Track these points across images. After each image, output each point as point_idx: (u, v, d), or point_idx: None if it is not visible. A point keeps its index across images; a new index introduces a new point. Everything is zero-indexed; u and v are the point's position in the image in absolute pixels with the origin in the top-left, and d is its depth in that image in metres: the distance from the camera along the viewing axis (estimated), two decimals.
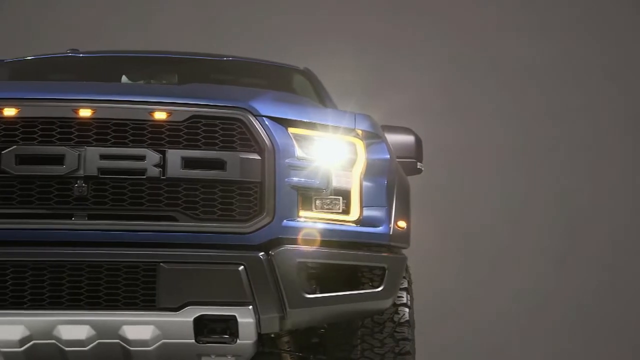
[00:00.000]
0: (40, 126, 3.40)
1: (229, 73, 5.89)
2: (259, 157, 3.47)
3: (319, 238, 3.54)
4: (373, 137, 3.79)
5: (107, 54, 5.98)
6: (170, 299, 3.34)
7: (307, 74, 5.93)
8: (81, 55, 5.90)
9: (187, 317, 3.35)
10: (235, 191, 3.46)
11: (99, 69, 5.77)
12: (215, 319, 3.38)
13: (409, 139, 4.61)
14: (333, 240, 3.57)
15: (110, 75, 5.62)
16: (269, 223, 3.44)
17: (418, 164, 4.64)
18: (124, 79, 5.68)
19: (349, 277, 3.69)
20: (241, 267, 3.37)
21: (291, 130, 3.58)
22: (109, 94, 3.51)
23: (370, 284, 3.70)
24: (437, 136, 7.11)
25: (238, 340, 3.43)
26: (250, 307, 3.38)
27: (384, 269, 3.64)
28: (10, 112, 3.40)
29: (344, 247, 3.60)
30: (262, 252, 3.41)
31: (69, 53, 6.03)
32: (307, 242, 3.51)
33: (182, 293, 3.35)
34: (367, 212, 3.65)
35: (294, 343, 4.24)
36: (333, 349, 3.91)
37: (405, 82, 8.06)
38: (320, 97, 5.49)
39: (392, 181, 3.79)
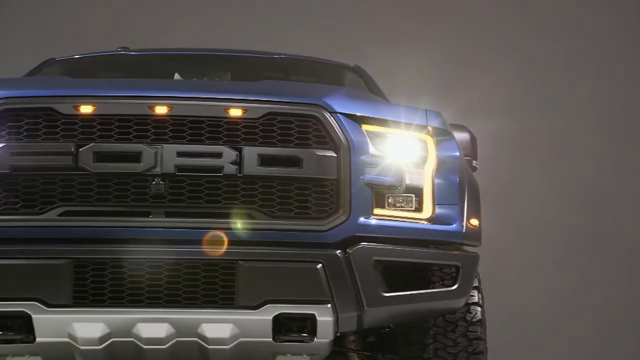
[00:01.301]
0: (117, 123, 3.39)
1: (280, 70, 5.86)
2: (335, 154, 3.44)
3: (393, 236, 3.51)
4: (443, 134, 3.76)
5: (158, 51, 5.96)
6: (249, 297, 3.32)
7: (358, 71, 5.90)
8: (132, 53, 5.89)
9: (266, 315, 3.33)
10: (311, 188, 3.43)
11: (151, 67, 5.76)
12: (294, 317, 3.36)
13: (464, 136, 4.56)
14: (407, 238, 3.54)
15: (163, 73, 5.60)
16: (345, 221, 3.41)
17: (473, 161, 4.59)
18: (177, 76, 5.67)
19: (421, 275, 3.65)
20: (319, 265, 3.34)
21: (365, 127, 3.55)
22: (184, 91, 3.50)
23: (441, 282, 3.67)
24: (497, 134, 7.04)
25: (315, 339, 3.40)
26: (329, 305, 3.35)
27: (457, 267, 3.61)
28: (86, 109, 3.40)
29: (418, 245, 3.57)
30: (339, 249, 3.38)
31: (119, 51, 6.03)
32: (382, 240, 3.49)
33: (261, 291, 3.33)
34: (439, 210, 3.61)
35: (359, 342, 4.21)
36: (404, 348, 3.87)
37: (468, 79, 7.97)
38: (373, 93, 5.46)
39: (463, 178, 3.76)
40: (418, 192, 3.60)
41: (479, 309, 3.88)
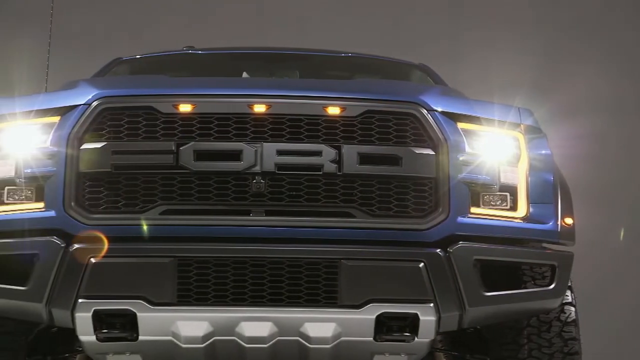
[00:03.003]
0: (216, 122, 3.39)
1: (348, 69, 5.85)
2: (433, 153, 3.42)
3: (490, 235, 3.49)
4: (536, 132, 3.73)
5: (225, 50, 5.97)
6: (352, 296, 3.30)
7: (425, 69, 5.87)
8: (199, 52, 5.90)
9: (369, 314, 3.31)
10: (410, 187, 3.41)
11: (219, 66, 5.77)
12: (396, 316, 3.34)
13: None
14: (503, 237, 3.51)
15: (231, 72, 5.61)
16: (444, 219, 3.39)
17: None
18: (245, 75, 5.68)
19: (517, 275, 3.62)
20: (421, 264, 3.32)
21: (460, 124, 3.53)
22: (283, 90, 3.50)
23: (535, 282, 3.64)
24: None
25: (416, 339, 3.38)
26: (432, 304, 3.33)
27: (554, 266, 3.57)
28: (186, 108, 3.40)
29: (513, 244, 3.54)
30: (439, 248, 3.36)
31: (185, 50, 6.04)
32: (479, 239, 3.46)
33: (363, 290, 3.31)
34: (534, 209, 3.58)
35: (446, 341, 4.18)
36: (497, 348, 3.84)
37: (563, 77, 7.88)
38: None
39: (556, 177, 3.73)
40: (513, 190, 3.57)
41: (572, 308, 3.83)
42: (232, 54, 5.86)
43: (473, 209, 3.48)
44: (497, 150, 3.56)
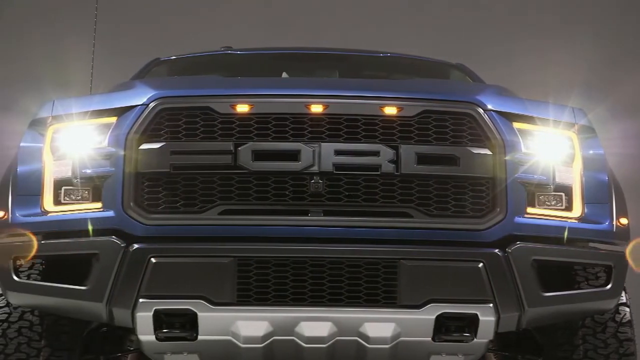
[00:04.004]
0: (274, 122, 3.39)
1: (386, 69, 5.85)
2: (490, 153, 3.41)
3: (547, 235, 3.48)
4: (589, 132, 3.71)
5: (263, 50, 5.97)
6: (412, 296, 3.30)
7: (463, 68, 5.86)
8: (238, 52, 5.91)
9: (429, 314, 3.31)
10: (467, 187, 3.41)
11: (257, 66, 5.78)
12: (456, 316, 3.33)
13: None
14: (559, 237, 3.50)
15: (269, 72, 5.61)
16: (502, 220, 3.39)
17: None
18: (284, 75, 5.68)
19: (573, 275, 3.61)
20: (480, 265, 3.32)
21: (515, 124, 3.52)
22: (340, 89, 3.50)
23: (587, 282, 3.63)
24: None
25: (475, 339, 3.37)
26: (491, 305, 3.33)
27: (610, 267, 3.55)
28: (243, 108, 3.41)
29: (569, 245, 3.53)
30: (497, 249, 3.35)
31: (223, 50, 6.04)
32: (535, 239, 3.45)
33: (423, 290, 3.31)
34: (589, 209, 3.57)
35: (496, 341, 4.17)
36: (551, 349, 3.82)
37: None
38: None
39: (610, 177, 3.72)
40: (568, 190, 3.56)
41: (627, 309, 3.82)
42: (271, 54, 5.86)
43: (529, 209, 3.47)
44: (551, 150, 3.56)
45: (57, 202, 3.47)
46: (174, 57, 5.91)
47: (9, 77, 6.94)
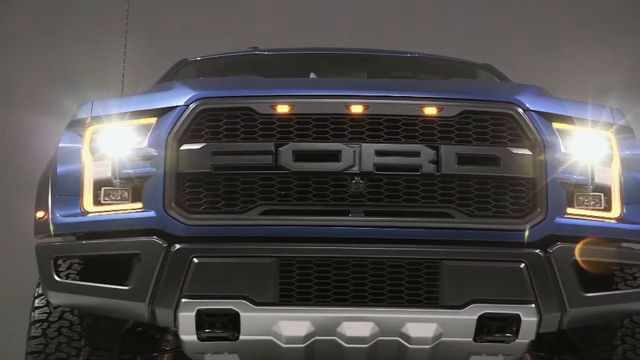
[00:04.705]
0: (314, 122, 3.40)
1: (414, 69, 5.85)
2: (530, 153, 3.41)
3: (585, 235, 3.47)
4: (627, 132, 3.71)
5: (290, 51, 5.97)
6: (454, 297, 3.30)
7: (490, 69, 5.85)
8: (266, 52, 5.91)
9: (471, 315, 3.31)
10: (508, 187, 3.41)
11: (285, 66, 5.78)
12: (498, 317, 3.33)
13: None
14: (598, 237, 3.49)
15: (297, 72, 5.61)
16: (543, 220, 3.38)
17: None
18: (312, 76, 5.68)
19: (612, 275, 3.60)
20: (522, 265, 3.31)
21: (555, 124, 3.52)
22: (380, 90, 3.50)
23: (624, 282, 3.62)
24: None
25: (517, 340, 3.37)
26: (533, 305, 3.32)
27: None
28: (283, 108, 3.41)
29: (608, 245, 3.52)
30: (538, 249, 3.35)
31: (250, 51, 6.05)
32: (575, 239, 3.44)
33: (465, 290, 3.31)
34: (627, 209, 3.57)
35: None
36: (588, 350, 3.82)
37: None
38: None
39: None
40: (606, 190, 3.55)
41: None
42: (299, 54, 5.86)
43: (569, 210, 3.47)
44: (590, 150, 3.55)
45: (96, 202, 3.48)
46: (201, 58, 5.92)
47: (42, 78, 6.99)
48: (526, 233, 3.36)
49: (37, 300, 3.75)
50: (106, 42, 6.25)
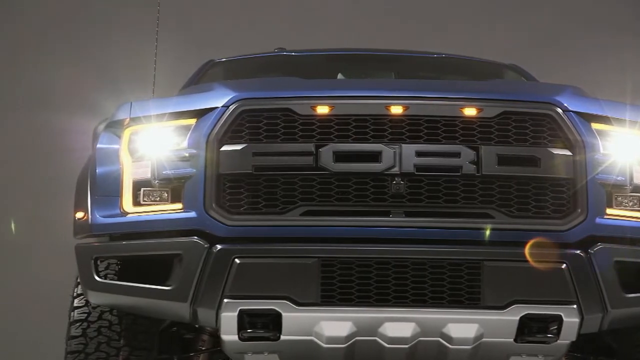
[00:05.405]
0: (354, 123, 3.40)
1: (442, 70, 5.84)
2: (570, 153, 3.41)
3: (624, 236, 3.47)
4: None
5: (317, 52, 5.98)
6: (496, 297, 3.30)
7: (517, 69, 5.85)
8: (293, 53, 5.93)
9: (513, 315, 3.31)
10: (548, 188, 3.41)
11: (313, 67, 5.78)
12: (540, 318, 3.33)
13: None
14: (636, 238, 3.48)
15: (325, 73, 5.61)
16: (583, 220, 3.38)
17: None
18: (340, 76, 5.69)
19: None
20: (564, 266, 3.31)
21: (594, 125, 3.52)
22: (420, 91, 3.50)
23: None
24: None
25: (558, 340, 3.37)
26: (575, 306, 3.32)
27: None
28: (323, 109, 3.42)
29: None
30: (579, 250, 3.35)
31: (277, 52, 6.06)
32: (614, 240, 3.44)
33: (507, 291, 3.31)
34: None
35: None
36: (627, 351, 3.82)
37: None
38: None
39: None
40: None
41: None
42: (326, 55, 5.87)
43: (608, 210, 3.46)
44: (628, 150, 3.54)
45: (136, 203, 3.50)
46: (227, 59, 5.93)
47: (76, 79, 7.03)
48: (567, 234, 3.36)
49: (76, 300, 3.78)
50: (138, 45, 6.29)
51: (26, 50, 7.61)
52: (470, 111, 3.42)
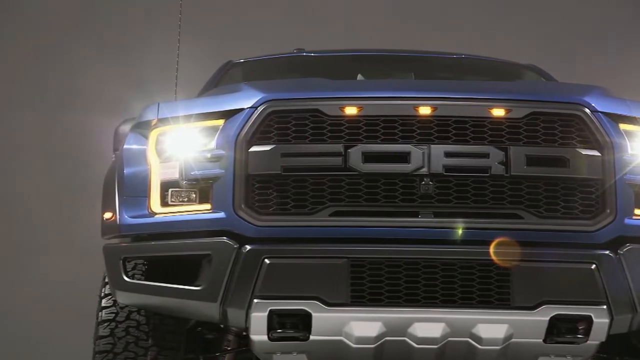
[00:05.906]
0: (383, 124, 3.41)
1: (461, 70, 5.83)
2: (599, 154, 3.41)
3: None
4: None
5: (336, 52, 5.98)
6: (525, 298, 3.30)
7: (536, 69, 5.84)
8: (312, 54, 5.93)
9: (543, 316, 3.31)
10: (577, 188, 3.41)
11: (332, 68, 5.77)
12: (570, 318, 3.33)
13: None
14: None
15: (344, 74, 5.60)
16: (612, 221, 3.38)
17: None
18: (360, 77, 5.69)
19: None
20: (593, 266, 3.31)
21: (621, 125, 3.52)
22: (448, 91, 3.51)
23: None
24: None
25: (587, 341, 3.37)
26: (605, 306, 3.32)
27: None
28: (351, 110, 3.43)
29: None
30: (608, 250, 3.35)
31: (296, 52, 6.07)
32: None
33: (536, 292, 3.31)
34: None
35: None
36: None
37: None
38: None
39: None
40: None
41: None
42: (345, 56, 5.87)
43: (636, 210, 3.46)
44: None
45: (164, 203, 3.51)
46: (245, 60, 5.94)
47: (100, 80, 7.07)
48: (596, 234, 3.36)
49: (104, 300, 3.79)
50: (159, 46, 6.31)
51: (45, 51, 7.65)
52: (498, 112, 3.43)
